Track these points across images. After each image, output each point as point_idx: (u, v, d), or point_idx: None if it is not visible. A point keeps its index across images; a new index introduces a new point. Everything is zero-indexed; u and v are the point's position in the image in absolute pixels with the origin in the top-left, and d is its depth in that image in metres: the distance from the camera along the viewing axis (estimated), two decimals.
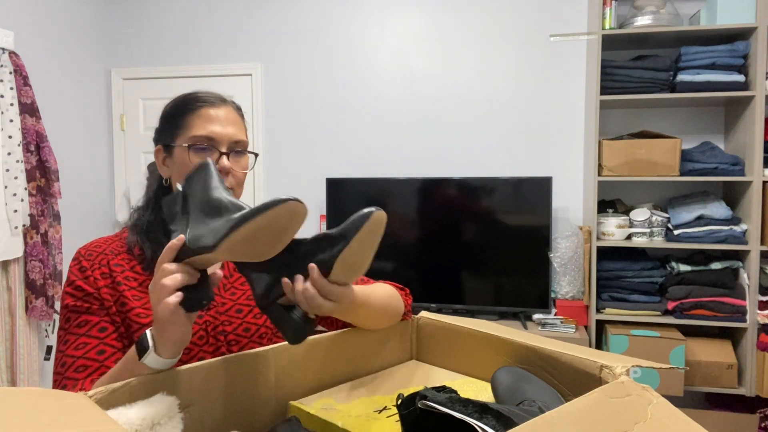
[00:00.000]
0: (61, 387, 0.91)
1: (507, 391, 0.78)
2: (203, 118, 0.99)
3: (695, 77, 2.60)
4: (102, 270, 0.98)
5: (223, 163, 0.99)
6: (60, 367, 0.92)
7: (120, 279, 0.97)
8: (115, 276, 0.98)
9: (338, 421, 0.75)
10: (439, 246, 2.98)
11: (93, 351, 0.92)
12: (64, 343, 0.94)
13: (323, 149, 3.37)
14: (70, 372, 0.91)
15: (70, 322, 0.95)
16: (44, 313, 2.76)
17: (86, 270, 0.97)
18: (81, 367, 0.91)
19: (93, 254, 0.99)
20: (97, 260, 0.99)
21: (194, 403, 0.76)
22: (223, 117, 1.01)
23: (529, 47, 3.10)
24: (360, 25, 3.29)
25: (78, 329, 0.94)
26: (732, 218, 2.62)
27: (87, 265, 0.98)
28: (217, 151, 0.99)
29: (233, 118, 1.03)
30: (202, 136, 0.98)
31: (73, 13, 3.27)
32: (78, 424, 0.54)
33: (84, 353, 0.92)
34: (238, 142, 1.01)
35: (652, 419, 0.59)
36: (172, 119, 1.03)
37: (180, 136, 1.00)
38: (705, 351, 2.62)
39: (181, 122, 1.01)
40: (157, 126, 1.06)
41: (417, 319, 1.05)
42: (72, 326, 0.94)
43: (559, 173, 3.09)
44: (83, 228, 3.35)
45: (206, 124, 0.99)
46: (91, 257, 0.99)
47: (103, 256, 1.00)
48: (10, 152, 2.60)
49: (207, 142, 0.99)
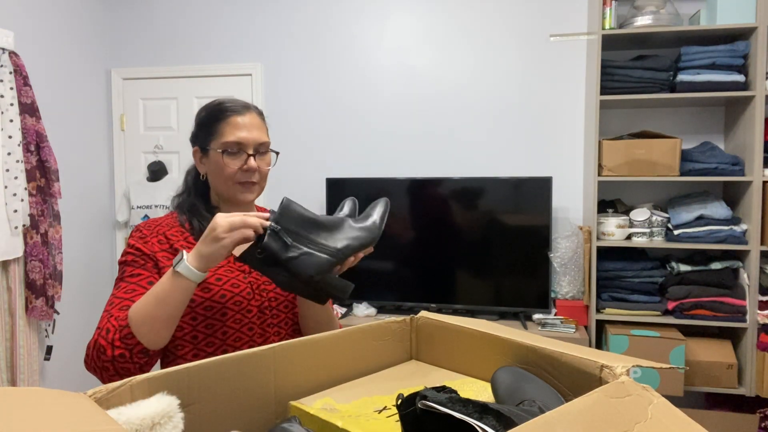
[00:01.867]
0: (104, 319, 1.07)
1: (507, 391, 0.78)
2: (232, 126, 1.19)
3: (695, 77, 2.60)
4: (159, 238, 1.19)
5: (251, 164, 1.19)
6: (109, 306, 1.10)
7: (177, 246, 1.18)
8: (172, 243, 1.19)
9: (338, 421, 0.75)
10: (439, 246, 2.98)
11: (138, 296, 1.09)
12: (117, 288, 1.13)
13: (323, 149, 3.37)
14: (114, 310, 1.08)
15: (124, 273, 1.15)
16: (44, 313, 2.76)
17: (146, 237, 1.19)
18: (125, 306, 1.08)
19: (151, 226, 1.21)
20: (155, 230, 1.20)
21: (194, 403, 0.76)
22: (248, 123, 1.20)
23: (529, 47, 3.11)
24: (360, 25, 3.29)
25: (131, 278, 1.13)
26: (732, 218, 2.63)
27: (147, 233, 1.19)
28: (245, 154, 1.19)
29: (257, 123, 1.22)
30: (233, 142, 1.18)
31: (73, 13, 3.27)
32: (78, 424, 0.54)
33: (131, 296, 1.10)
34: (262, 143, 1.21)
35: (652, 419, 0.59)
36: (206, 126, 1.22)
37: (214, 141, 1.20)
38: (705, 351, 2.62)
39: (213, 129, 1.20)
40: (193, 130, 1.26)
41: (417, 319, 1.06)
42: (126, 276, 1.14)
43: (559, 173, 3.09)
44: (83, 228, 3.35)
45: (235, 131, 1.18)
46: (150, 228, 1.21)
47: (159, 227, 1.21)
48: (10, 152, 2.60)
49: (237, 147, 1.18)
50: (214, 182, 1.23)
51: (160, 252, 1.17)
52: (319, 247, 1.01)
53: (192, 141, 1.27)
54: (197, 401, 0.76)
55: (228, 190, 1.20)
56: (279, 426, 0.71)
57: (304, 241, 1.01)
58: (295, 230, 1.01)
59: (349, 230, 1.05)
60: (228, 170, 1.18)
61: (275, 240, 0.99)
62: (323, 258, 1.01)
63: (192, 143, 1.27)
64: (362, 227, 1.07)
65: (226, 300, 1.17)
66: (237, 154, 1.18)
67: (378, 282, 3.05)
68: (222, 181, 1.20)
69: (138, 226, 1.22)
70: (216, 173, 1.20)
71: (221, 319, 1.16)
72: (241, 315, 1.18)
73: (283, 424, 0.71)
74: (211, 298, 1.16)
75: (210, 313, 1.16)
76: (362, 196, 3.07)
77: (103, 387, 0.68)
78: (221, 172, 1.19)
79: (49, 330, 2.88)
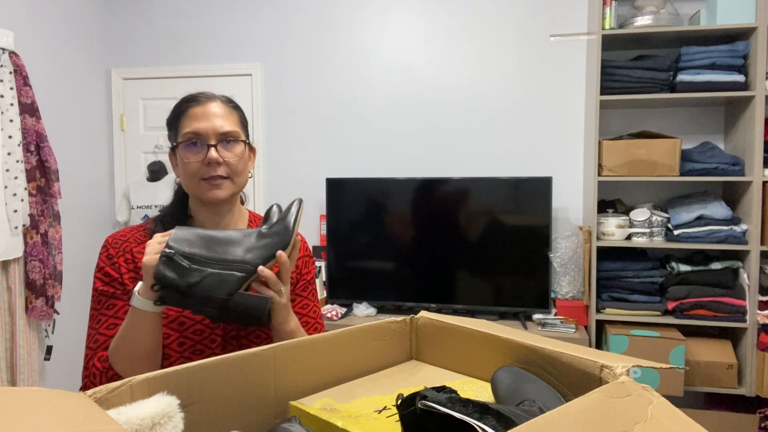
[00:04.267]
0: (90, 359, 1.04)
1: (507, 391, 0.78)
2: (191, 117, 1.09)
3: (695, 77, 2.60)
4: (126, 257, 1.10)
5: (211, 155, 1.06)
6: (92, 344, 1.06)
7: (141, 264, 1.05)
8: (137, 262, 1.10)
9: (338, 421, 0.75)
10: (439, 246, 2.98)
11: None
12: (96, 322, 1.08)
13: (323, 149, 3.37)
14: (100, 350, 1.04)
15: (101, 304, 1.09)
16: (44, 313, 2.75)
17: (113, 257, 1.10)
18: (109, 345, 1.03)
19: (119, 242, 1.12)
20: (122, 248, 1.11)
21: (194, 403, 0.76)
22: (210, 112, 1.09)
23: (529, 47, 3.11)
24: (360, 24, 3.29)
25: (107, 311, 1.07)
26: (732, 218, 2.62)
27: (113, 253, 1.11)
28: (206, 145, 1.07)
29: (220, 112, 1.10)
30: (189, 132, 1.08)
31: (73, 13, 3.27)
32: (78, 424, 0.54)
33: (113, 333, 1.04)
34: (226, 133, 1.09)
35: (652, 419, 0.59)
36: (170, 124, 1.14)
37: (177, 137, 1.11)
38: (705, 351, 2.62)
39: (176, 125, 1.12)
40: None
41: (417, 319, 1.05)
42: (103, 308, 1.08)
43: (559, 173, 3.09)
44: (83, 228, 3.35)
45: (192, 122, 1.08)
46: (117, 245, 1.12)
47: (127, 244, 1.12)
48: (10, 152, 2.60)
49: (195, 138, 1.08)
50: (183, 183, 1.12)
51: (126, 274, 1.09)
52: (222, 264, 0.92)
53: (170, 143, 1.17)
54: (197, 401, 0.76)
55: (195, 189, 1.09)
56: (279, 426, 0.71)
57: (205, 262, 0.92)
58: (192, 252, 0.92)
59: (258, 239, 0.96)
60: (189, 165, 1.07)
61: (169, 267, 0.90)
62: (231, 275, 0.92)
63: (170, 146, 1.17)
64: (271, 232, 0.97)
65: (185, 329, 1.07)
66: (197, 146, 1.07)
67: (378, 282, 3.05)
68: (187, 180, 1.09)
69: (107, 242, 1.12)
70: (182, 172, 1.10)
71: (178, 349, 1.06)
72: (202, 345, 1.09)
73: (283, 424, 0.71)
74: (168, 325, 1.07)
75: (166, 342, 1.06)
76: (362, 196, 3.07)
77: (103, 387, 0.68)
78: (184, 169, 1.08)
79: (49, 330, 2.88)
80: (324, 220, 3.19)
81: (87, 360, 1.05)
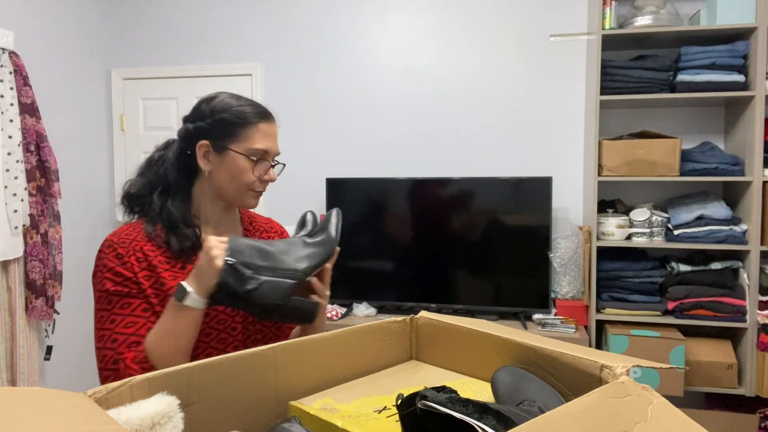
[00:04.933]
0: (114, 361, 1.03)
1: (507, 391, 0.78)
2: (262, 133, 1.14)
3: (695, 77, 2.60)
4: (137, 255, 1.10)
5: (272, 175, 1.17)
6: (111, 343, 1.05)
7: (155, 262, 1.11)
8: (150, 260, 1.11)
9: (338, 421, 0.75)
10: (439, 246, 2.98)
11: (143, 328, 1.06)
12: (111, 322, 1.06)
13: (323, 149, 3.37)
14: (122, 347, 1.04)
15: (113, 304, 1.08)
16: (44, 313, 2.76)
17: (123, 257, 1.10)
18: (133, 342, 1.05)
19: (126, 241, 1.12)
20: (131, 247, 1.11)
21: (194, 403, 0.76)
22: (274, 133, 1.18)
23: (529, 47, 3.11)
24: (360, 24, 3.29)
25: (122, 310, 1.07)
26: (732, 218, 2.62)
27: (123, 252, 1.10)
28: (268, 163, 1.16)
29: (276, 134, 1.19)
30: (261, 149, 1.14)
31: (73, 13, 3.27)
32: (78, 424, 0.54)
33: (135, 330, 1.06)
34: (278, 154, 1.19)
35: (652, 419, 0.59)
36: (229, 125, 1.14)
37: (236, 143, 1.13)
38: (705, 351, 2.62)
39: (239, 131, 1.13)
40: (202, 123, 1.15)
41: (417, 319, 1.05)
42: (116, 308, 1.07)
43: (559, 173, 3.09)
44: (83, 228, 3.35)
45: (264, 139, 1.14)
46: (125, 245, 1.11)
47: (135, 243, 1.12)
48: (10, 152, 2.60)
49: (263, 155, 1.14)
50: (222, 183, 1.15)
51: (140, 272, 1.10)
52: (277, 273, 1.01)
53: (197, 133, 1.15)
54: (197, 401, 0.76)
55: (240, 195, 1.16)
56: (279, 426, 0.71)
57: (261, 271, 1.00)
58: (250, 262, 1.00)
59: (305, 248, 1.05)
60: (249, 177, 1.13)
61: (230, 275, 0.98)
62: (284, 282, 1.00)
63: (197, 135, 1.15)
64: (317, 242, 1.07)
65: (210, 319, 1.13)
66: (260, 162, 1.14)
67: (378, 282, 3.05)
68: (236, 186, 1.14)
69: (111, 243, 1.11)
70: (231, 176, 1.14)
71: (204, 339, 1.12)
72: (225, 334, 1.15)
73: (283, 424, 0.71)
74: None
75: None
76: (362, 196, 3.07)
77: (103, 387, 0.68)
78: (239, 177, 1.13)
79: (49, 330, 2.88)
80: None
81: (107, 360, 1.04)
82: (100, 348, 1.06)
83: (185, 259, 1.14)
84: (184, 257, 1.13)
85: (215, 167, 1.15)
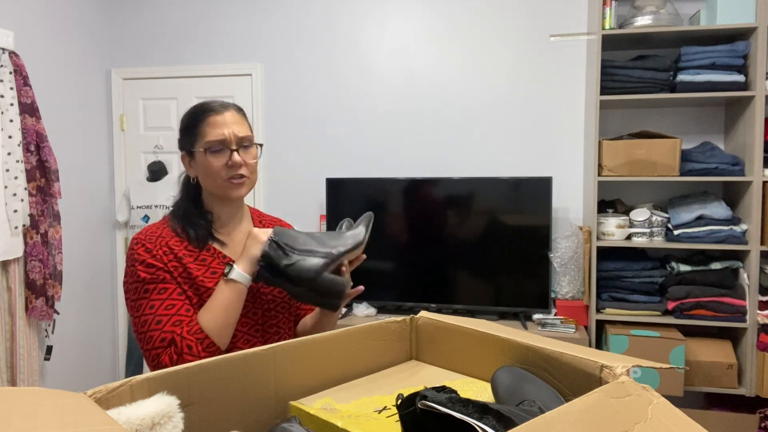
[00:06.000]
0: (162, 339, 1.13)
1: (507, 391, 0.78)
2: (212, 125, 1.23)
3: (695, 77, 2.60)
4: (164, 249, 1.22)
5: (236, 159, 1.22)
6: (156, 325, 1.15)
7: (181, 255, 1.22)
8: (176, 252, 1.22)
9: (338, 421, 0.75)
10: (439, 246, 2.98)
11: (183, 309, 1.17)
12: (150, 308, 1.17)
13: (323, 149, 3.37)
14: (168, 326, 1.14)
15: (150, 291, 1.18)
16: (44, 313, 2.76)
17: (152, 250, 1.21)
18: (177, 321, 1.15)
19: (152, 237, 1.23)
20: (157, 242, 1.23)
21: (194, 403, 0.76)
22: (228, 120, 1.24)
23: (529, 47, 3.11)
24: (360, 24, 3.29)
25: (160, 295, 1.18)
26: (732, 218, 2.62)
27: (151, 247, 1.21)
28: (228, 150, 1.22)
29: (237, 119, 1.26)
30: (215, 140, 1.22)
31: (73, 13, 3.28)
32: (78, 424, 0.54)
33: (176, 311, 1.17)
34: (243, 138, 1.24)
35: (652, 419, 0.59)
36: (188, 130, 1.27)
37: (197, 143, 1.24)
38: (705, 351, 2.62)
39: (196, 131, 1.25)
40: (178, 136, 1.31)
41: (417, 319, 1.06)
42: (153, 294, 1.18)
43: (559, 173, 3.09)
44: (83, 228, 3.35)
45: (216, 129, 1.23)
46: (152, 240, 1.23)
47: (161, 239, 1.24)
48: (10, 152, 2.60)
49: (220, 145, 1.22)
50: (205, 183, 1.27)
51: (170, 263, 1.21)
52: (312, 252, 1.16)
53: (179, 147, 1.31)
54: (197, 401, 0.76)
55: (219, 188, 1.25)
56: (279, 426, 0.71)
57: (299, 250, 1.16)
58: (292, 243, 1.17)
59: (339, 237, 1.22)
60: (215, 168, 1.22)
61: (274, 249, 1.14)
62: (317, 260, 1.15)
63: (179, 149, 1.31)
64: (350, 234, 1.24)
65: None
66: (221, 151, 1.22)
67: (378, 282, 3.05)
68: (212, 181, 1.24)
69: (139, 240, 1.23)
70: (205, 174, 1.25)
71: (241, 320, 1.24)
72: (246, 318, 1.25)
73: (283, 424, 0.71)
74: None
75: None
76: (362, 196, 3.07)
77: (103, 387, 0.68)
78: (209, 172, 1.23)
79: (49, 330, 2.88)
80: (324, 220, 3.19)
81: (154, 340, 1.13)
82: (145, 332, 1.15)
83: (202, 245, 1.25)
84: (201, 244, 1.25)
85: (196, 171, 1.28)
